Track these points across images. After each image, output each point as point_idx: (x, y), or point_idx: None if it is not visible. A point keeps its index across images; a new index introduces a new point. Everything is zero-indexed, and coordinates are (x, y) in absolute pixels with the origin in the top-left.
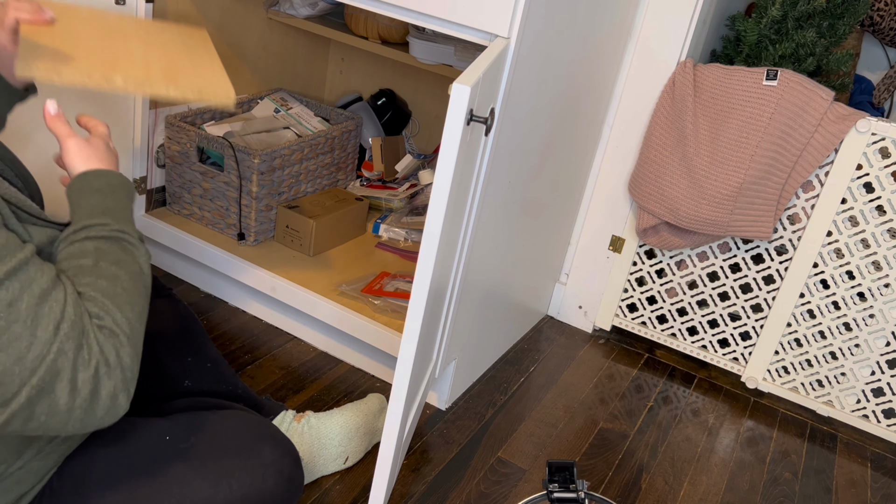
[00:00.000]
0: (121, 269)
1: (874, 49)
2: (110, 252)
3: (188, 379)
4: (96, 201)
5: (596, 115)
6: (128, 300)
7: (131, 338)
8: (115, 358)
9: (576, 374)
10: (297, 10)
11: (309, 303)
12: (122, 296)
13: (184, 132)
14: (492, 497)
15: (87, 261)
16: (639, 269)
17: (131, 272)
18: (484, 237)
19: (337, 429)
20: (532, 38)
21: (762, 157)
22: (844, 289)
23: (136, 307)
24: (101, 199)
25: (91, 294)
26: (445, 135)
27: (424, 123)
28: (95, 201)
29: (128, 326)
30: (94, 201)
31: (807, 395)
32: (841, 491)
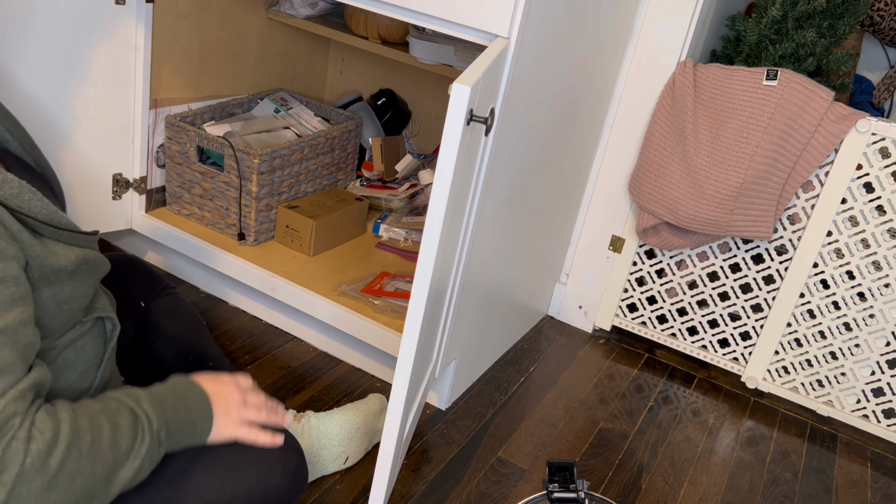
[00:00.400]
0: (109, 433)
1: (874, 49)
2: (121, 418)
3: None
4: (162, 390)
5: (596, 115)
6: (84, 453)
7: (49, 478)
8: (12, 475)
9: (576, 374)
10: (297, 10)
11: (309, 303)
12: (84, 445)
13: (184, 132)
14: (492, 497)
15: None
16: (639, 269)
17: (115, 446)
18: (484, 237)
19: (337, 429)
20: (532, 38)
21: (762, 157)
22: (844, 289)
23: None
24: (167, 392)
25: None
26: (445, 135)
27: (424, 123)
28: (161, 390)
29: (56, 467)
30: (160, 390)
31: (807, 395)
32: (841, 491)
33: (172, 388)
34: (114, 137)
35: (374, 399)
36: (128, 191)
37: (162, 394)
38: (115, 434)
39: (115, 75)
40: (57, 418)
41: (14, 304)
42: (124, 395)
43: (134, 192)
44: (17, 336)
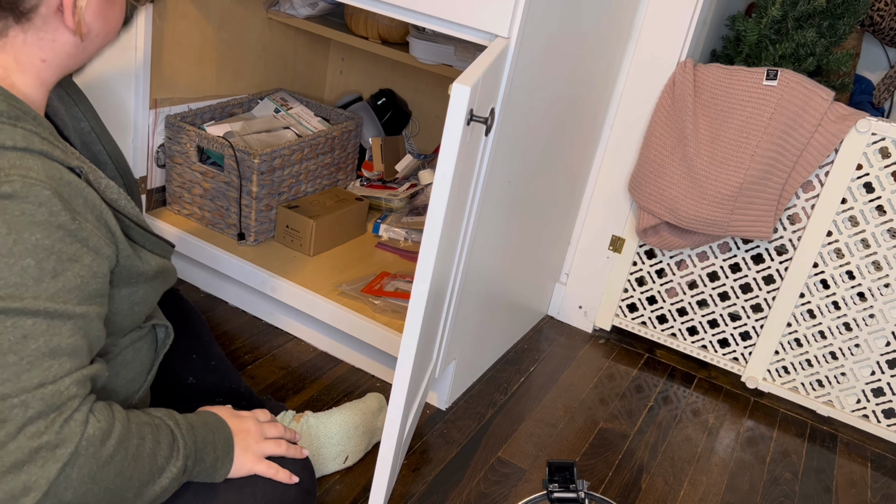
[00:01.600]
0: (151, 444)
1: (874, 49)
2: (162, 434)
3: (192, 376)
4: (195, 420)
5: (596, 115)
6: (128, 455)
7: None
8: (68, 451)
9: (576, 374)
10: (297, 10)
11: (309, 303)
12: (130, 447)
13: (184, 132)
14: (492, 497)
15: (145, 418)
16: (639, 269)
17: (153, 457)
18: (484, 237)
19: (336, 428)
20: (532, 38)
21: (762, 157)
22: (844, 289)
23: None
24: (199, 423)
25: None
26: (445, 135)
27: (424, 123)
28: (195, 419)
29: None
30: (194, 419)
31: (807, 395)
32: (841, 491)
33: (205, 422)
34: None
35: (373, 398)
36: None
37: (196, 424)
38: (155, 448)
39: (115, 75)
40: (112, 415)
41: (95, 299)
42: (166, 415)
43: None
44: (90, 327)
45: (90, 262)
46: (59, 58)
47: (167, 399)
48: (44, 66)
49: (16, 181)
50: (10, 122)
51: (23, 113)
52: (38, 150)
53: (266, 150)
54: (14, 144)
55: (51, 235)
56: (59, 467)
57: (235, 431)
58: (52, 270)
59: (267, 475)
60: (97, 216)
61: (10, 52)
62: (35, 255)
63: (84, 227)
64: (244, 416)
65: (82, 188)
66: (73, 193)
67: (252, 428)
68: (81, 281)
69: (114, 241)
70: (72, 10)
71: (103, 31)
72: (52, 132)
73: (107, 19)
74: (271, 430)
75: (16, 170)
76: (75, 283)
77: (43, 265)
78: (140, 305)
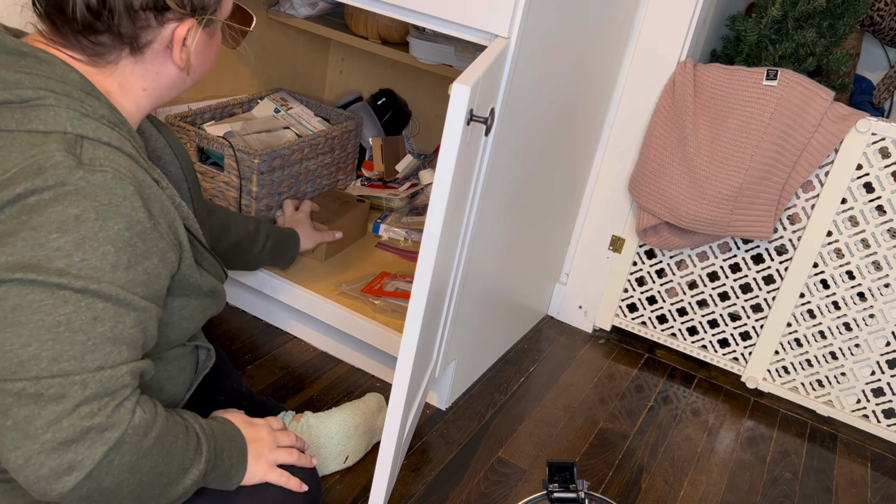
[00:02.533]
0: (182, 443)
1: (874, 49)
2: (190, 437)
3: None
4: (217, 427)
5: (596, 115)
6: (164, 450)
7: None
8: (116, 436)
9: (576, 374)
10: (297, 10)
11: (309, 303)
12: (166, 444)
13: (184, 132)
14: (492, 497)
15: (178, 418)
16: (639, 269)
17: (179, 457)
18: (484, 237)
19: (336, 427)
20: (532, 38)
21: (762, 157)
22: (844, 289)
23: (157, 462)
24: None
25: (160, 409)
26: (445, 135)
27: (424, 123)
28: (216, 426)
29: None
30: (216, 426)
31: (807, 395)
32: (841, 491)
33: (223, 429)
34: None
35: (372, 398)
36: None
37: (215, 431)
38: (185, 447)
39: None
40: (155, 409)
41: (156, 299)
42: (192, 418)
43: None
44: (149, 323)
45: (157, 262)
46: (158, 89)
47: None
48: (144, 94)
49: (108, 171)
50: (110, 125)
51: (121, 122)
52: (128, 153)
53: (266, 150)
54: (110, 142)
55: (131, 228)
56: (105, 450)
57: (249, 440)
58: (127, 261)
59: (278, 483)
60: (169, 223)
61: (117, 79)
62: (115, 244)
63: (158, 229)
64: (258, 425)
65: (160, 194)
66: (151, 196)
67: (265, 437)
68: (148, 278)
69: (179, 249)
70: (181, 47)
71: (201, 67)
72: (142, 147)
73: (206, 57)
74: (284, 438)
75: (109, 162)
76: (143, 278)
77: (120, 254)
78: (188, 321)
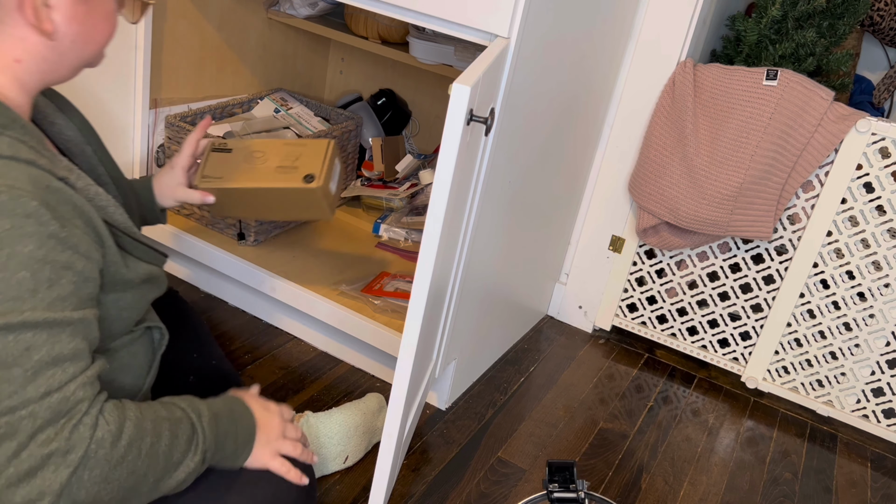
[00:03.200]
0: (168, 440)
1: (874, 49)
2: (181, 429)
3: (192, 374)
4: (221, 407)
5: (596, 115)
6: (142, 454)
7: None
8: (78, 456)
9: (576, 374)
10: (297, 10)
11: (309, 303)
12: (144, 446)
13: (184, 132)
14: (492, 497)
15: (164, 412)
16: (639, 269)
17: (169, 453)
18: (484, 237)
19: (336, 428)
20: (532, 37)
21: (762, 157)
22: (844, 289)
23: (138, 466)
24: (224, 411)
25: (129, 413)
26: (445, 135)
27: (424, 123)
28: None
29: (118, 458)
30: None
31: (807, 395)
32: (841, 491)
33: (231, 410)
34: (114, 137)
35: (373, 398)
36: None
37: (220, 413)
38: (172, 443)
39: (115, 75)
40: (124, 414)
41: (89, 302)
42: (188, 406)
43: None
44: (88, 329)
45: (82, 267)
46: (33, 60)
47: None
48: (19, 67)
49: (3, 193)
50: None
51: (10, 121)
52: (24, 159)
53: None
54: (0, 153)
55: (42, 246)
56: (70, 472)
57: (260, 424)
58: (48, 280)
59: (279, 472)
60: (86, 221)
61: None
62: (29, 267)
63: (73, 233)
64: (272, 411)
65: (70, 195)
66: (60, 200)
67: (276, 424)
68: (75, 287)
69: (101, 244)
70: (33, 6)
71: (81, 37)
72: (40, 140)
73: (84, 25)
74: (291, 430)
75: (3, 179)
76: (69, 289)
77: (38, 276)
78: (128, 311)
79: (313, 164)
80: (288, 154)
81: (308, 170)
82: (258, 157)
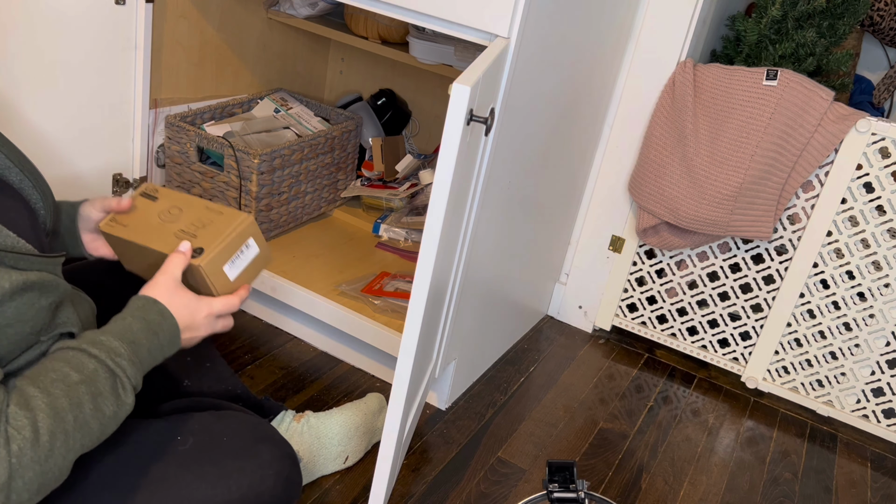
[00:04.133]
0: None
1: (874, 49)
2: (100, 383)
3: (187, 378)
4: (137, 328)
5: (596, 115)
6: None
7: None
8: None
9: (576, 374)
10: (297, 10)
11: (309, 303)
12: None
13: (184, 132)
14: (492, 497)
15: (75, 376)
16: (639, 269)
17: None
18: (484, 237)
19: (336, 428)
20: (532, 38)
21: (762, 157)
22: (844, 289)
23: (73, 443)
24: (142, 331)
25: (36, 404)
26: (445, 135)
27: (424, 123)
28: (137, 328)
29: (45, 453)
30: (136, 327)
31: (807, 395)
32: (841, 491)
33: (146, 323)
34: (114, 137)
35: (373, 398)
36: (128, 191)
37: (137, 336)
38: (96, 403)
39: (115, 75)
40: (32, 411)
41: None
42: (101, 351)
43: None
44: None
45: None
46: None
47: (161, 403)
48: None
49: None
50: None
51: None
52: None
53: (266, 150)
54: None
55: None
56: (5, 495)
57: (183, 327)
58: None
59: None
60: None
61: None
62: None
63: None
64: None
65: None
66: None
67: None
68: None
69: None
70: None
71: None
72: None
73: None
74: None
75: None
76: None
77: None
78: (15, 326)
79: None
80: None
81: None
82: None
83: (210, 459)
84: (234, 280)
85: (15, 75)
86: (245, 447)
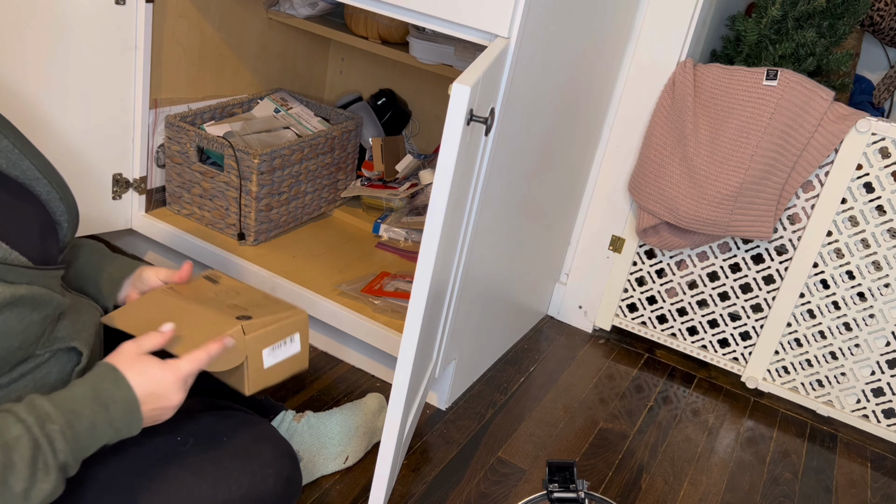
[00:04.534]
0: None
1: (874, 49)
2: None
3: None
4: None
5: (596, 115)
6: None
7: None
8: None
9: (576, 374)
10: (297, 10)
11: (309, 303)
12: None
13: (184, 132)
14: (492, 497)
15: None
16: (639, 269)
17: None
18: (484, 237)
19: (336, 428)
20: (532, 37)
21: (762, 157)
22: (844, 289)
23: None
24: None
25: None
26: (445, 135)
27: (424, 123)
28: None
29: None
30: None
31: (807, 395)
32: (841, 491)
33: (95, 393)
34: (114, 137)
35: (373, 398)
36: (128, 191)
37: (79, 405)
38: (5, 475)
39: (115, 75)
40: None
41: None
42: (31, 415)
43: (134, 192)
44: None
45: None
46: None
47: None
48: None
49: None
50: None
51: None
52: None
53: (266, 150)
54: None
55: None
56: None
57: (144, 396)
58: None
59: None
60: None
61: None
62: None
63: None
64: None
65: None
66: None
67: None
68: None
69: None
70: None
71: None
72: None
73: None
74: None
75: None
76: None
77: None
78: (3, 340)
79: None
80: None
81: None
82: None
83: (210, 459)
84: (267, 369)
85: (12, 76)
86: (245, 447)
